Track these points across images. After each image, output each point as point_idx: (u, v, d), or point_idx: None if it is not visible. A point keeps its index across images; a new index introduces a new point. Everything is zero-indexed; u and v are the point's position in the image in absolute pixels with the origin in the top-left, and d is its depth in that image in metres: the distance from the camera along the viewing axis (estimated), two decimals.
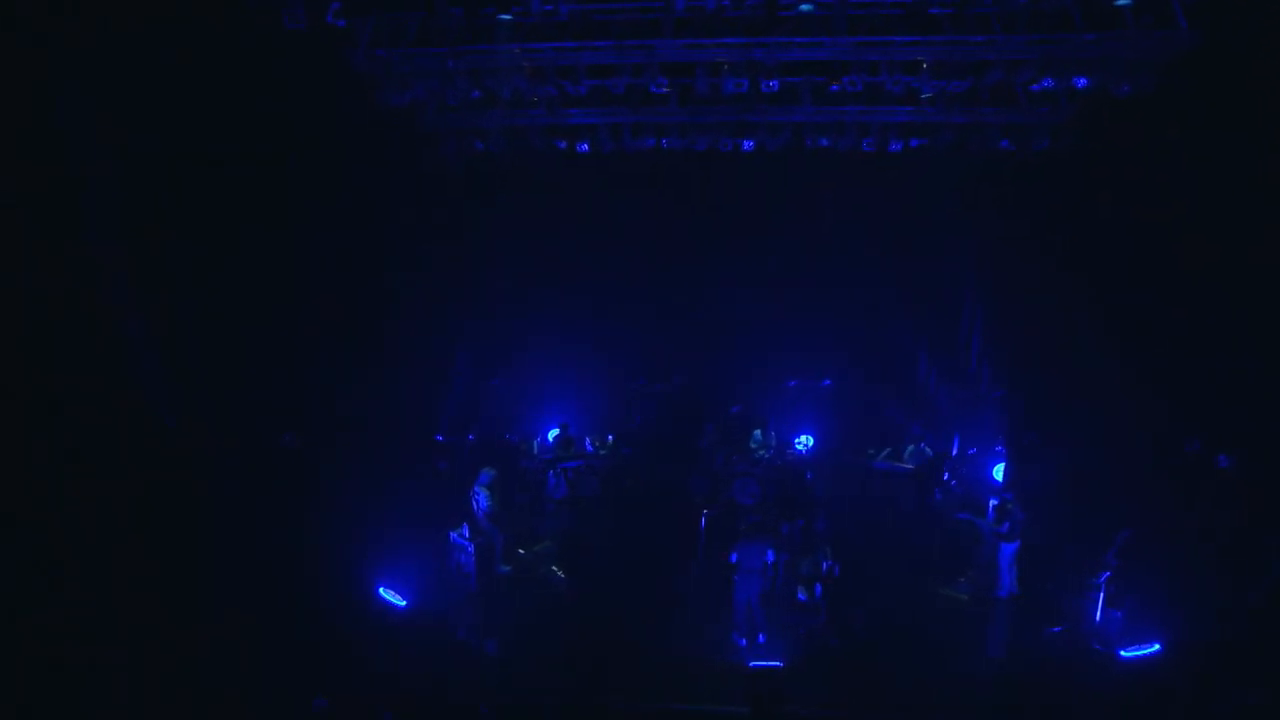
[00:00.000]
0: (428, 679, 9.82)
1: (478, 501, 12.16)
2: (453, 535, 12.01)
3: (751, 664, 9.71)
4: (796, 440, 16.33)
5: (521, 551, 13.01)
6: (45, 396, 10.12)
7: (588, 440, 15.88)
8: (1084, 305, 13.56)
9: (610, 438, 16.04)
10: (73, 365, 10.49)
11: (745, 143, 15.49)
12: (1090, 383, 13.28)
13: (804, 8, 11.24)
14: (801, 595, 11.20)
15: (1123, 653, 9.86)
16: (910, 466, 14.30)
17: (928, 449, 14.72)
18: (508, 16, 11.73)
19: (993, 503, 11.56)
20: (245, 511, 11.15)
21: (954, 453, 14.95)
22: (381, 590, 11.17)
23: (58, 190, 10.69)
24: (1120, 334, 13.05)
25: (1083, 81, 11.38)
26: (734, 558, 10.77)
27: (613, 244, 17.29)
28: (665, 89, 13.49)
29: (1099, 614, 10.22)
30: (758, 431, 15.97)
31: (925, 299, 16.84)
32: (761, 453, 15.51)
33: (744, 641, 10.76)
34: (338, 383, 13.95)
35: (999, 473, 14.56)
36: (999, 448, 14.76)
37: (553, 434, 16.10)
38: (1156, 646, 9.74)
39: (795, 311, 17.04)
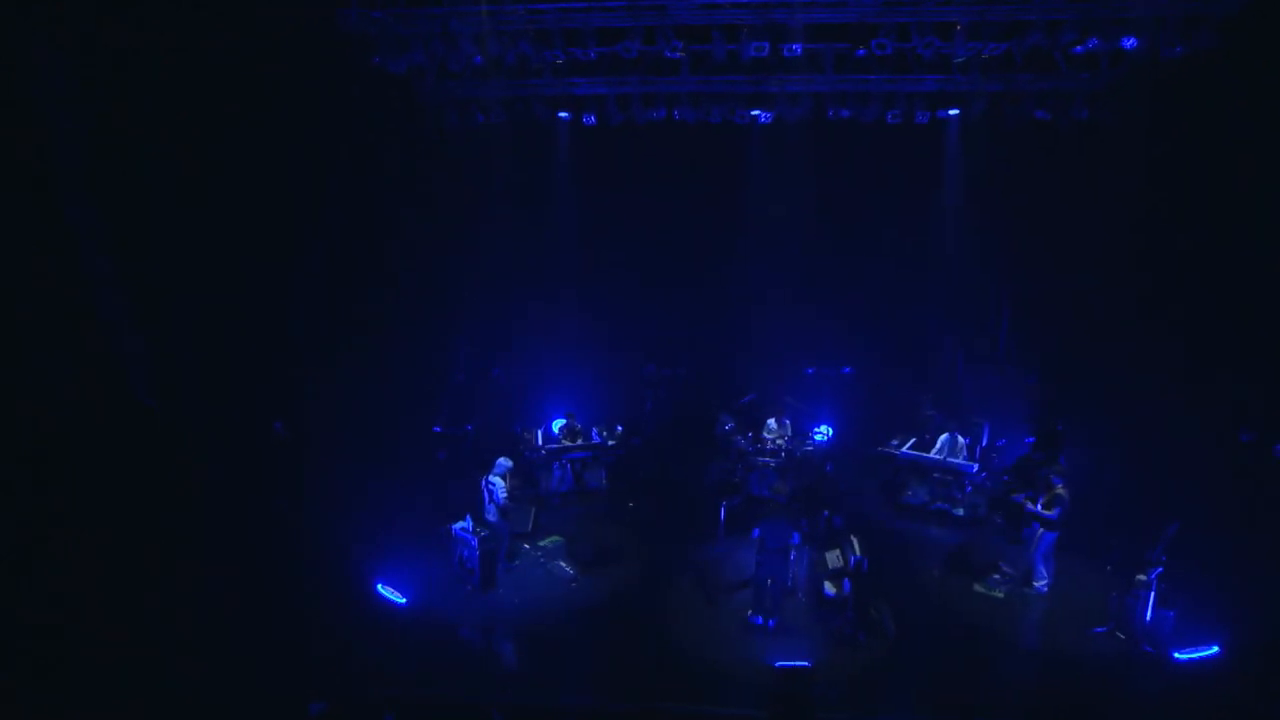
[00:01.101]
0: (430, 679, 9.49)
1: (491, 492, 11.79)
2: (455, 529, 11.63)
3: (778, 664, 9.33)
4: (815, 430, 15.96)
5: (527, 546, 12.67)
6: (22, 378, 9.78)
7: (595, 430, 15.51)
8: (1127, 284, 13.14)
9: (619, 428, 15.67)
10: (50, 345, 10.13)
11: (762, 114, 15.20)
12: (1134, 367, 12.89)
13: None
14: (829, 591, 10.84)
15: (1177, 655, 9.51)
16: (939, 457, 13.89)
17: (960, 437, 14.33)
18: None
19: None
20: (234, 502, 10.82)
21: (984, 443, 14.54)
22: (380, 587, 10.88)
23: (33, 162, 10.30)
24: (1167, 315, 12.64)
25: (1131, 42, 10.95)
26: (756, 533, 10.72)
27: (620, 223, 16.93)
28: (680, 53, 13.09)
29: (1149, 613, 9.83)
30: (771, 420, 15.60)
31: (952, 280, 16.48)
32: (778, 442, 15.13)
33: (759, 619, 10.61)
34: (331, 369, 13.64)
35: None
36: (1029, 439, 14.41)
37: (558, 424, 15.73)
38: (1215, 649, 9.38)
39: (813, 293, 16.70)
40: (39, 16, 10.13)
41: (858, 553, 10.60)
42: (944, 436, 14.04)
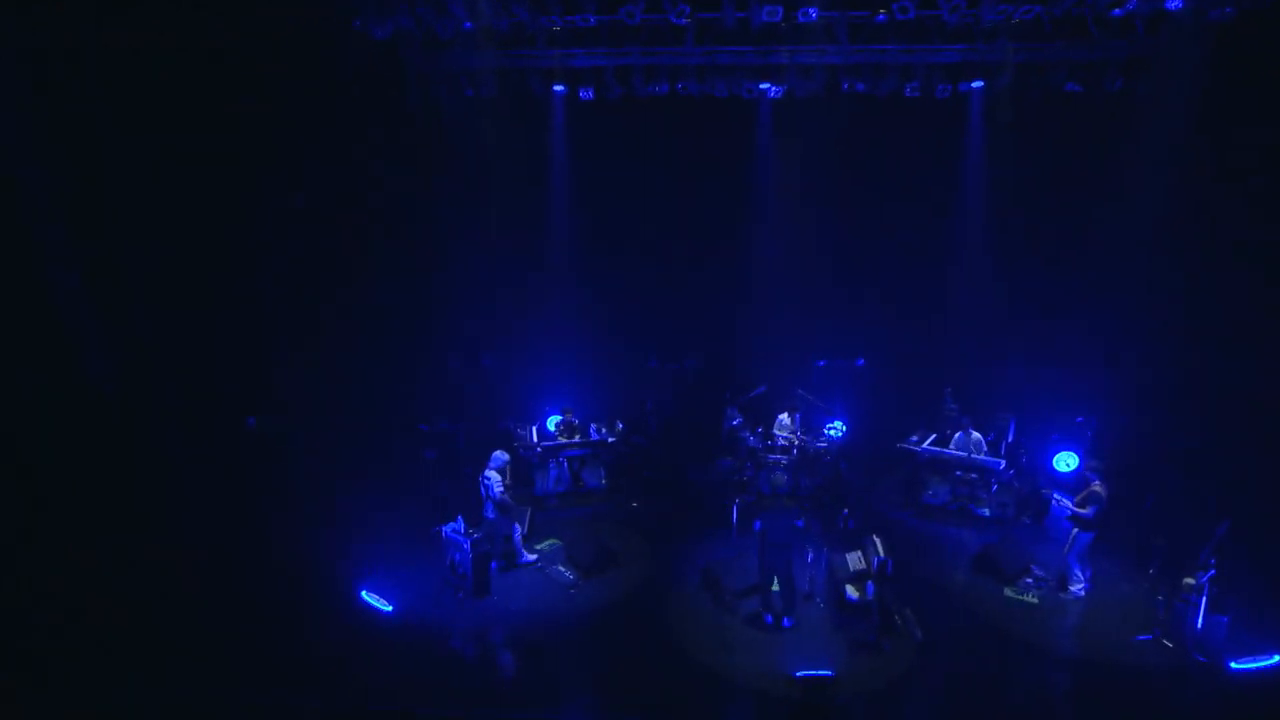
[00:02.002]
0: (419, 694, 8.98)
1: (488, 488, 11.37)
2: (446, 530, 11.16)
3: (798, 674, 8.88)
4: (829, 425, 15.53)
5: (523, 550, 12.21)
6: None
7: (593, 427, 15.06)
8: (1169, 270, 12.73)
9: (620, 424, 15.22)
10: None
11: (772, 88, 14.81)
12: (1179, 357, 12.48)
13: None
14: (850, 595, 10.39)
15: (1233, 665, 9.10)
16: (962, 454, 13.45)
17: (974, 432, 13.90)
18: None
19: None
20: (203, 501, 10.36)
21: (1009, 439, 14.12)
22: (365, 594, 10.46)
23: None
24: (1214, 302, 12.24)
25: (1176, 3, 10.51)
26: (758, 526, 10.41)
27: (620, 205, 16.50)
28: (686, 19, 12.64)
29: (1200, 619, 9.41)
30: (783, 416, 15.16)
31: (974, 266, 16.06)
32: (790, 438, 14.69)
33: (769, 619, 10.31)
34: (311, 360, 13.21)
35: (1061, 462, 13.81)
36: (1055, 435, 14.01)
37: (553, 420, 15.27)
38: (1276, 658, 8.96)
39: (825, 280, 16.29)
40: None
41: (881, 553, 10.15)
42: (958, 435, 13.64)
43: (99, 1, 10.40)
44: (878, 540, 10.36)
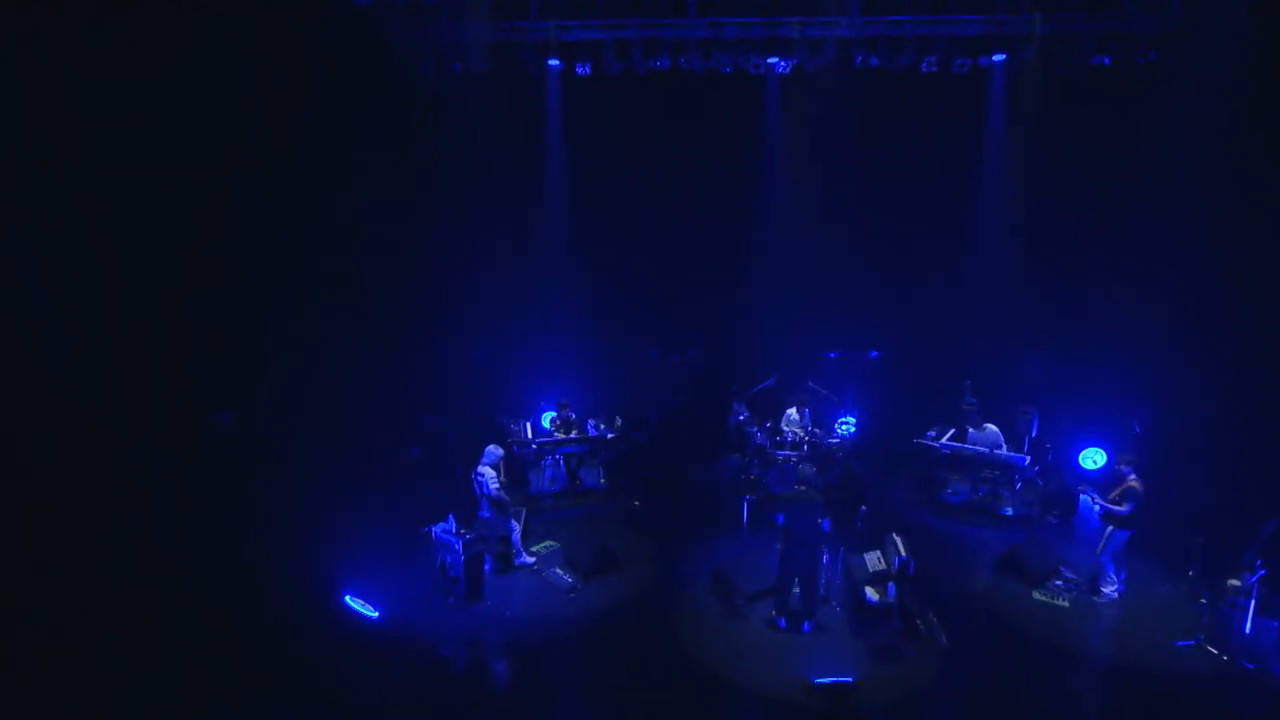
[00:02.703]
0: (407, 706, 8.69)
1: (482, 485, 11.08)
2: (436, 531, 10.83)
3: (817, 680, 8.56)
4: (839, 423, 15.25)
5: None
6: None
7: (591, 423, 14.76)
8: (1205, 255, 12.43)
9: (619, 419, 14.92)
10: None
11: (780, 62, 14.54)
12: (1218, 347, 12.20)
13: None
14: (870, 597, 10.06)
15: None
16: (984, 450, 13.14)
17: (990, 426, 13.62)
18: None
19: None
20: (175, 503, 10.01)
21: (1033, 434, 13.83)
22: (349, 599, 10.11)
23: None
24: (1254, 291, 11.95)
25: None
26: (780, 521, 10.05)
27: (620, 189, 16.24)
28: None
29: (1248, 624, 9.10)
30: (791, 410, 14.86)
31: (994, 254, 15.79)
32: (799, 434, 14.39)
33: (783, 623, 10.00)
34: (292, 353, 12.88)
35: (1088, 459, 13.54)
36: (1095, 437, 13.76)
37: (548, 417, 14.98)
38: None
39: (836, 268, 16.00)
40: None
41: (902, 553, 9.82)
42: (970, 431, 13.35)
43: None
44: (899, 539, 10.03)
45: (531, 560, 11.62)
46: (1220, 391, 12.47)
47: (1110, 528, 10.47)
